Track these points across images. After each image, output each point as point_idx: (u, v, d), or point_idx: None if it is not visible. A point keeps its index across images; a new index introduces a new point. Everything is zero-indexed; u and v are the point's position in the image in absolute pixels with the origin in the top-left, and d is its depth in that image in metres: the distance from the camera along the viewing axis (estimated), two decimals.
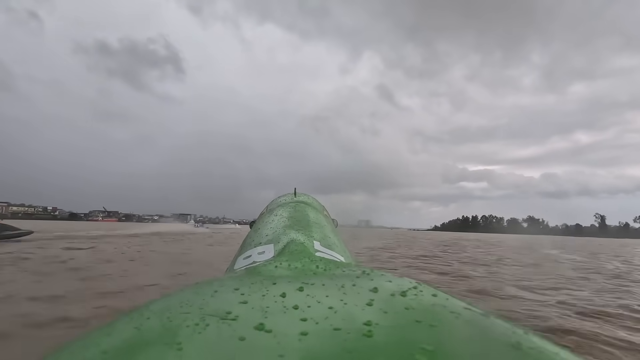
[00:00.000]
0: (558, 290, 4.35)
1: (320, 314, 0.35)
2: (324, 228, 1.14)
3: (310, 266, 0.60)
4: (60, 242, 9.53)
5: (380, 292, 0.41)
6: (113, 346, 0.29)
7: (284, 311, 0.36)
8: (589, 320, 2.92)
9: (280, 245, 0.86)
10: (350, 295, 0.40)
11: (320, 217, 1.32)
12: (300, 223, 1.07)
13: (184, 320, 0.33)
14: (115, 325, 0.34)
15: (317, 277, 0.50)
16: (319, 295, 0.40)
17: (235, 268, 0.85)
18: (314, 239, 0.94)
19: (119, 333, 0.32)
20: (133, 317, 0.35)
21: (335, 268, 0.59)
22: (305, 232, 0.97)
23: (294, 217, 1.15)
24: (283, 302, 0.38)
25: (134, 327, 0.32)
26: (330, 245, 0.98)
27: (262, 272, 0.56)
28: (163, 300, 0.40)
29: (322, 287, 0.43)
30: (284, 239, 0.89)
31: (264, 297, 0.40)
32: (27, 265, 5.16)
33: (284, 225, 1.05)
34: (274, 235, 0.97)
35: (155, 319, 0.34)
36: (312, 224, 1.11)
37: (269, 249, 0.87)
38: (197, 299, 0.39)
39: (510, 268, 6.83)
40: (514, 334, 0.31)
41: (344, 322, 0.33)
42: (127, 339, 0.31)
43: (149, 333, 0.31)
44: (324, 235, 1.03)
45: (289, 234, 0.93)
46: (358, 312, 0.35)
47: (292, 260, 0.65)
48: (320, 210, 1.59)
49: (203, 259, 6.89)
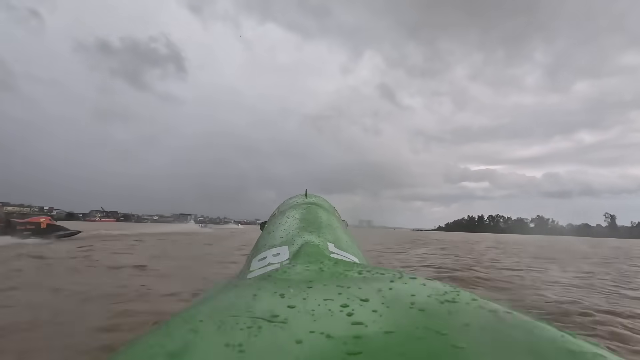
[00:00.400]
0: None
1: (368, 318, 0.36)
2: (337, 229, 1.17)
3: (330, 268, 0.61)
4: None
5: (421, 296, 0.41)
6: (174, 349, 0.30)
7: (330, 314, 0.37)
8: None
9: (294, 247, 0.87)
10: (390, 299, 0.41)
11: (332, 218, 1.35)
12: (313, 225, 1.09)
13: (237, 324, 0.34)
14: (169, 328, 0.35)
15: (352, 281, 0.51)
16: (359, 298, 0.41)
17: (251, 269, 0.86)
18: (328, 240, 0.96)
19: (177, 335, 0.33)
20: (185, 319, 0.36)
21: (354, 269, 0.60)
22: (319, 234, 0.99)
23: (307, 219, 1.17)
24: (327, 305, 0.39)
25: (190, 330, 0.33)
26: (344, 246, 1.00)
27: (291, 276, 0.56)
28: (209, 303, 0.41)
29: (360, 291, 0.44)
30: (298, 241, 0.90)
31: (305, 300, 0.41)
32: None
33: (296, 227, 1.07)
34: (288, 237, 0.98)
35: (208, 321, 0.35)
36: (325, 225, 1.13)
37: (284, 250, 0.88)
38: (242, 302, 0.40)
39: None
40: (561, 338, 0.30)
41: (393, 325, 0.34)
42: (187, 341, 0.31)
43: (208, 336, 0.32)
44: (337, 237, 1.05)
45: (303, 236, 0.95)
46: (404, 315, 0.36)
47: (309, 262, 0.66)
48: (332, 211, 1.63)
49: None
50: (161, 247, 8.56)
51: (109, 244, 8.80)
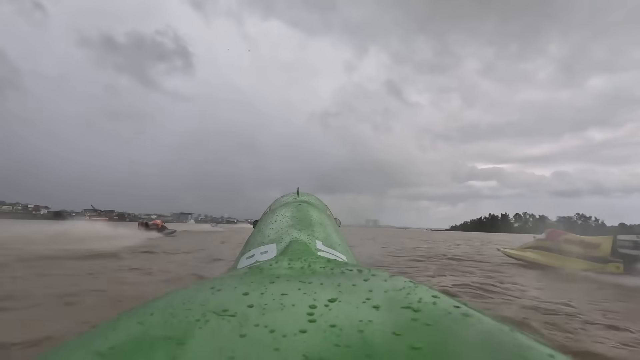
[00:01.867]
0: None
1: (318, 312, 0.36)
2: (327, 227, 1.16)
3: (312, 265, 0.62)
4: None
5: (378, 291, 0.42)
6: (117, 341, 0.31)
7: (281, 309, 0.37)
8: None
9: (282, 244, 0.88)
10: (347, 294, 0.41)
11: (323, 216, 1.34)
12: (302, 222, 1.10)
13: (186, 317, 0.35)
14: (119, 321, 0.35)
15: (316, 276, 0.51)
16: (317, 293, 0.42)
17: (238, 267, 0.88)
18: (316, 238, 0.96)
19: (122, 329, 0.33)
20: (137, 313, 0.37)
21: (336, 267, 0.60)
22: (308, 232, 1.00)
23: (297, 217, 1.17)
24: (281, 300, 0.39)
25: (137, 323, 0.34)
26: (333, 244, 1.00)
27: (263, 271, 0.57)
28: (166, 298, 0.42)
29: (321, 286, 0.44)
30: (287, 239, 0.92)
31: (263, 294, 0.41)
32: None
33: (286, 224, 1.08)
34: (277, 234, 0.99)
35: (158, 314, 0.36)
36: (315, 223, 1.12)
37: (272, 248, 0.89)
38: (199, 296, 0.41)
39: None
40: (510, 335, 0.30)
41: (342, 320, 0.34)
42: (130, 334, 0.32)
43: (153, 329, 0.33)
44: (326, 235, 1.05)
45: (292, 234, 0.96)
46: (354, 311, 0.36)
47: (293, 259, 0.66)
48: (323, 209, 1.62)
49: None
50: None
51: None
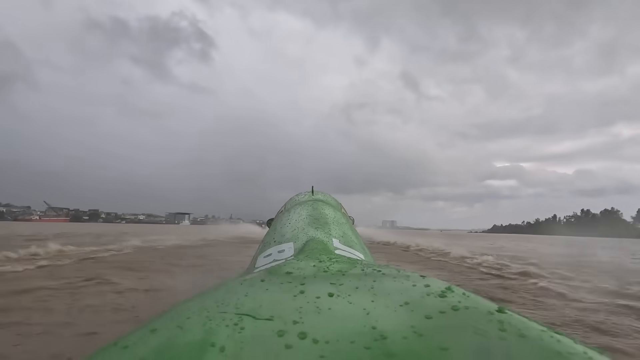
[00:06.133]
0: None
1: (354, 314, 0.36)
2: (343, 226, 1.18)
3: (332, 264, 0.61)
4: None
5: (413, 293, 0.41)
6: (158, 345, 0.30)
7: (317, 312, 0.37)
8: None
9: (299, 243, 0.88)
10: (383, 297, 0.41)
11: (338, 215, 1.35)
12: (318, 221, 1.10)
13: (223, 320, 0.34)
14: (157, 324, 0.35)
15: (346, 278, 0.50)
16: (351, 296, 0.41)
17: (256, 266, 0.88)
18: (333, 236, 0.97)
19: (162, 332, 0.33)
20: (173, 316, 0.37)
21: (357, 266, 0.60)
22: (324, 230, 1.00)
23: (313, 216, 1.17)
24: (315, 302, 0.39)
25: (176, 326, 0.34)
26: (349, 243, 1.01)
27: (289, 272, 0.56)
28: (199, 300, 0.41)
29: (354, 289, 0.44)
30: (303, 237, 0.92)
31: (296, 297, 0.41)
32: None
33: (302, 223, 1.08)
34: (293, 233, 0.99)
35: (195, 318, 0.35)
36: (331, 222, 1.13)
37: (289, 247, 0.89)
38: (232, 298, 0.40)
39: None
40: (551, 339, 0.30)
41: (382, 325, 0.34)
42: (171, 338, 0.32)
43: (192, 333, 0.32)
44: (342, 233, 1.06)
45: (308, 232, 0.96)
46: (393, 315, 0.36)
47: (312, 258, 0.66)
48: (338, 208, 1.66)
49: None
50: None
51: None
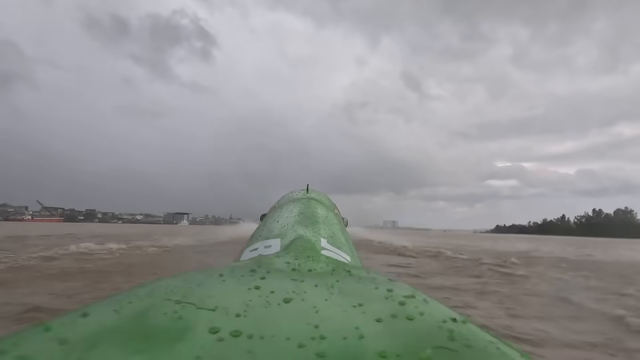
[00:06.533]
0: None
1: (302, 312, 0.35)
2: (333, 226, 1.16)
3: (313, 264, 0.60)
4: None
5: (370, 297, 0.40)
6: (87, 329, 0.29)
7: (265, 306, 0.36)
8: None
9: (287, 240, 0.87)
10: (338, 297, 0.40)
11: (330, 215, 1.33)
12: (309, 219, 1.09)
13: (163, 307, 0.33)
14: (97, 307, 0.34)
15: (311, 276, 0.50)
16: (307, 293, 0.40)
17: (241, 259, 0.86)
18: (322, 236, 0.96)
19: (95, 316, 0.32)
20: (118, 300, 0.35)
21: (336, 268, 0.59)
22: (313, 229, 0.99)
23: (304, 213, 1.16)
24: (267, 297, 0.38)
25: (112, 310, 0.33)
26: (337, 244, 0.99)
27: (261, 265, 0.55)
28: (151, 285, 0.40)
29: (314, 287, 0.43)
30: (291, 234, 0.91)
31: (249, 291, 0.40)
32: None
33: (292, 220, 1.07)
34: (282, 230, 0.99)
35: (136, 303, 0.34)
36: (321, 221, 1.12)
37: (276, 243, 0.88)
38: (183, 287, 0.39)
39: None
40: (496, 351, 0.30)
41: (325, 323, 0.33)
42: (102, 323, 0.30)
43: (125, 318, 0.31)
44: (332, 234, 1.05)
45: (297, 230, 0.95)
46: (342, 315, 0.35)
47: (296, 255, 0.65)
48: (331, 208, 1.62)
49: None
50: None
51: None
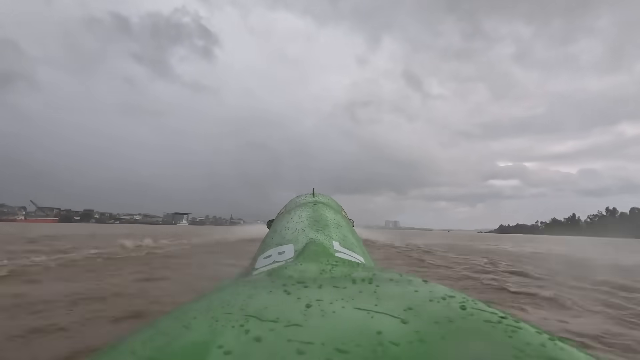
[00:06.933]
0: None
1: (359, 319, 0.36)
2: (343, 228, 1.17)
3: (334, 267, 0.61)
4: None
5: (414, 298, 0.41)
6: (164, 345, 0.30)
7: (322, 315, 0.37)
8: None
9: (299, 245, 0.88)
10: (384, 301, 0.41)
11: (338, 217, 1.35)
12: (319, 223, 1.09)
13: (229, 321, 0.34)
14: (162, 324, 0.35)
15: (349, 281, 0.50)
16: (354, 299, 0.41)
17: (256, 267, 0.87)
18: (333, 239, 0.96)
19: (169, 332, 0.33)
20: (178, 316, 0.37)
21: (357, 269, 0.60)
22: (325, 233, 1.00)
23: (313, 218, 1.17)
24: (320, 306, 0.39)
25: (182, 326, 0.34)
26: (350, 246, 1.00)
27: (291, 275, 0.56)
28: (204, 301, 0.41)
29: (358, 293, 0.44)
30: (303, 239, 0.92)
31: (300, 300, 0.41)
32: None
33: (303, 225, 1.07)
34: (293, 235, 0.99)
35: (202, 318, 0.35)
36: (331, 224, 1.13)
37: (289, 249, 0.89)
38: (237, 300, 0.41)
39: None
40: (554, 346, 0.30)
41: (383, 328, 0.33)
42: (177, 337, 0.31)
43: (199, 333, 0.32)
44: (343, 236, 1.06)
45: (309, 234, 0.96)
46: (396, 319, 0.36)
47: (313, 260, 0.65)
48: (339, 210, 1.65)
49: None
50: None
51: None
